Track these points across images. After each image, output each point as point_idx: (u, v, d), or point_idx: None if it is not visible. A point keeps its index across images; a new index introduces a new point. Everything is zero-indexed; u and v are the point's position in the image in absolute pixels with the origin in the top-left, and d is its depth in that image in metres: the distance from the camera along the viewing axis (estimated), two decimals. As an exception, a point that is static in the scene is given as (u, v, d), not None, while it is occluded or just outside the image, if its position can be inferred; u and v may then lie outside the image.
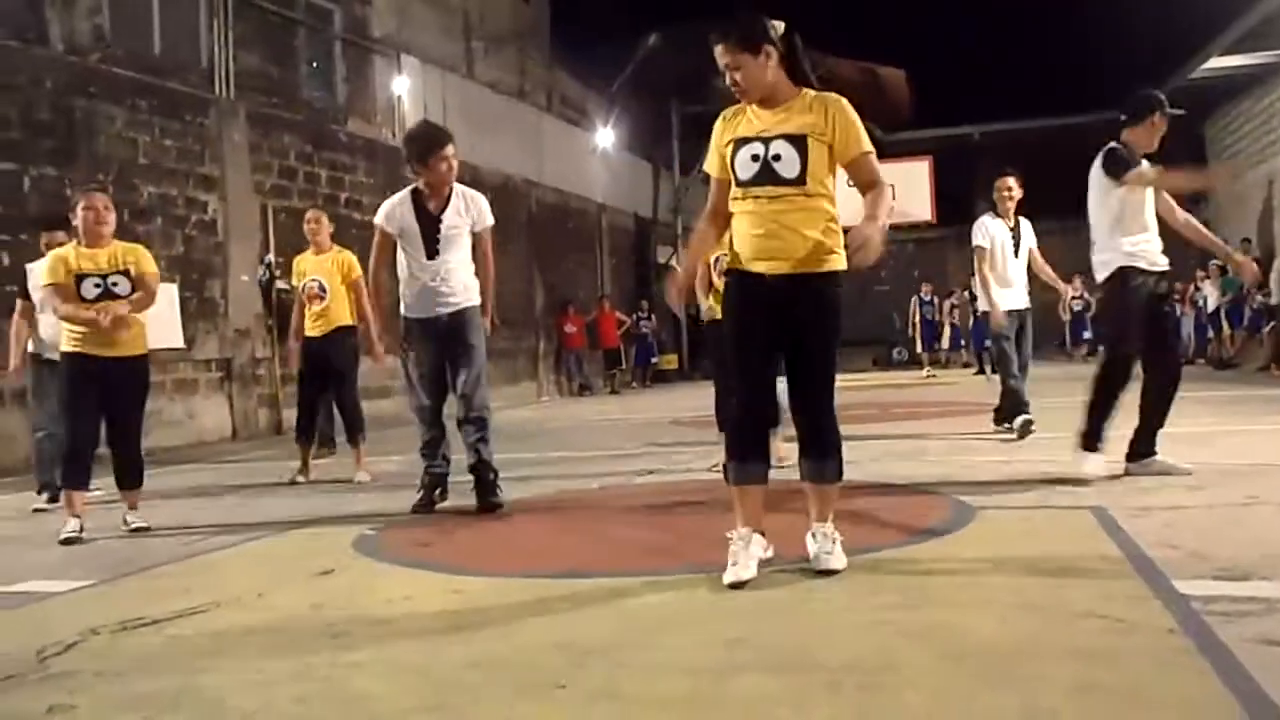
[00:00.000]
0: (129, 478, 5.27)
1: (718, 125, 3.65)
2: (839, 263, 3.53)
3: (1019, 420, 7.35)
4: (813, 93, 3.55)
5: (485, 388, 5.38)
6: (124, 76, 10.72)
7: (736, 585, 3.32)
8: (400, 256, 5.34)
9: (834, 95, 3.55)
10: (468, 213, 5.31)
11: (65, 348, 5.15)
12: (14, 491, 7.16)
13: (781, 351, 3.58)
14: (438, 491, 5.35)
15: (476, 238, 5.38)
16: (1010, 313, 7.48)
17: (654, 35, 20.59)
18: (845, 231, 3.53)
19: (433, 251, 5.24)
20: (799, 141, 3.44)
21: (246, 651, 2.95)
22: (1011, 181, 7.51)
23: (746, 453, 3.56)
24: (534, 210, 18.49)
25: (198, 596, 3.60)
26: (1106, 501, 4.46)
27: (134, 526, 5.16)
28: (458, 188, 5.33)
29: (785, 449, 5.95)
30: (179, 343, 10.83)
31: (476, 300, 5.38)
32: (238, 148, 11.99)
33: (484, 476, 5.27)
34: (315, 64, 14.68)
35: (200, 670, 2.78)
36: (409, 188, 5.37)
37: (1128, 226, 5.14)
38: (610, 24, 22.23)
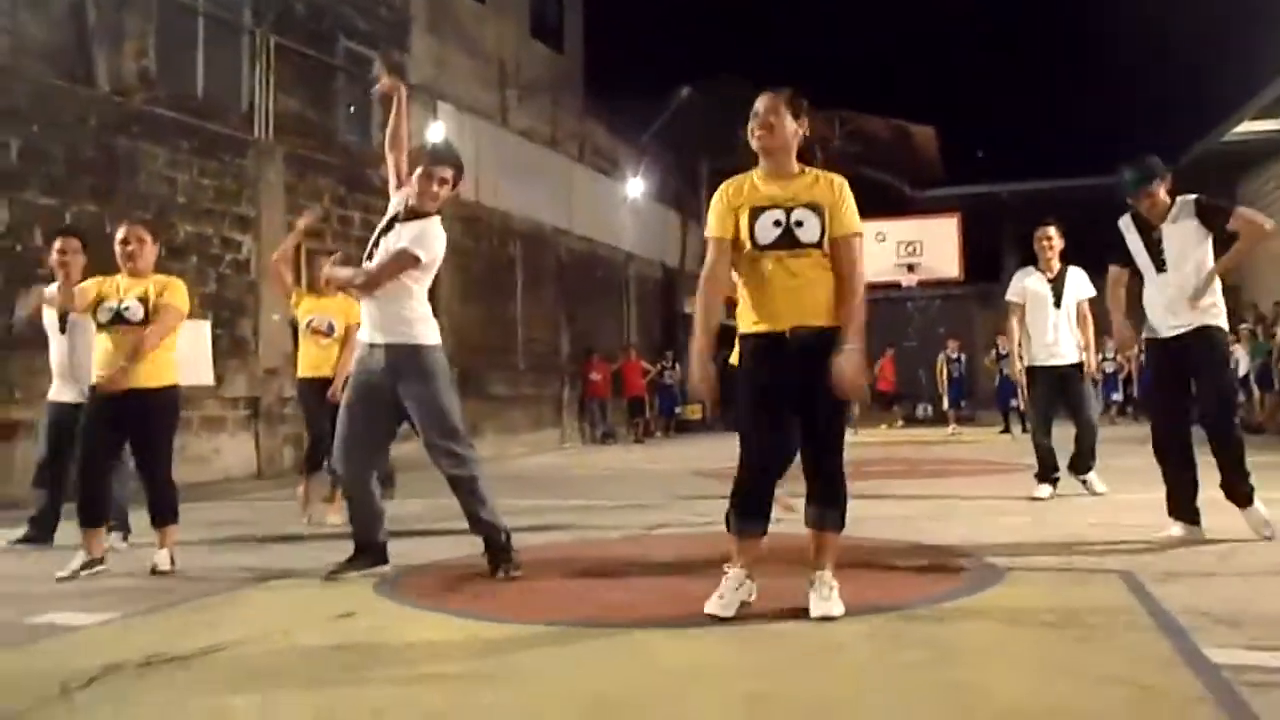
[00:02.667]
0: (155, 513, 5.16)
1: (723, 191, 3.83)
2: None
3: (1043, 488, 7.26)
4: (818, 171, 3.78)
5: (459, 438, 4.66)
6: (166, 117, 10.93)
7: (714, 617, 3.57)
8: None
9: (837, 176, 3.78)
10: (414, 229, 4.70)
11: (92, 381, 5.15)
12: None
13: (798, 411, 3.70)
14: (365, 558, 4.74)
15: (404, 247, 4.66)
16: (1047, 369, 7.30)
17: (685, 89, 20.84)
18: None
19: (370, 255, 4.74)
20: (819, 210, 3.66)
21: (268, 692, 2.95)
22: (1052, 231, 7.35)
23: (749, 510, 3.74)
24: (563, 258, 18.63)
25: (221, 634, 3.61)
26: (1135, 566, 4.41)
27: (155, 568, 4.99)
28: (435, 219, 4.79)
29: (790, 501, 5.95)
30: (209, 380, 10.91)
31: (430, 340, 4.68)
32: (274, 189, 12.17)
33: (492, 540, 4.70)
34: (352, 109, 14.92)
35: (223, 708, 2.79)
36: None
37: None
38: (642, 77, 22.56)
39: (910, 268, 21.24)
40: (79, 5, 10.62)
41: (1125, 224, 5.41)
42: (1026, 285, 7.40)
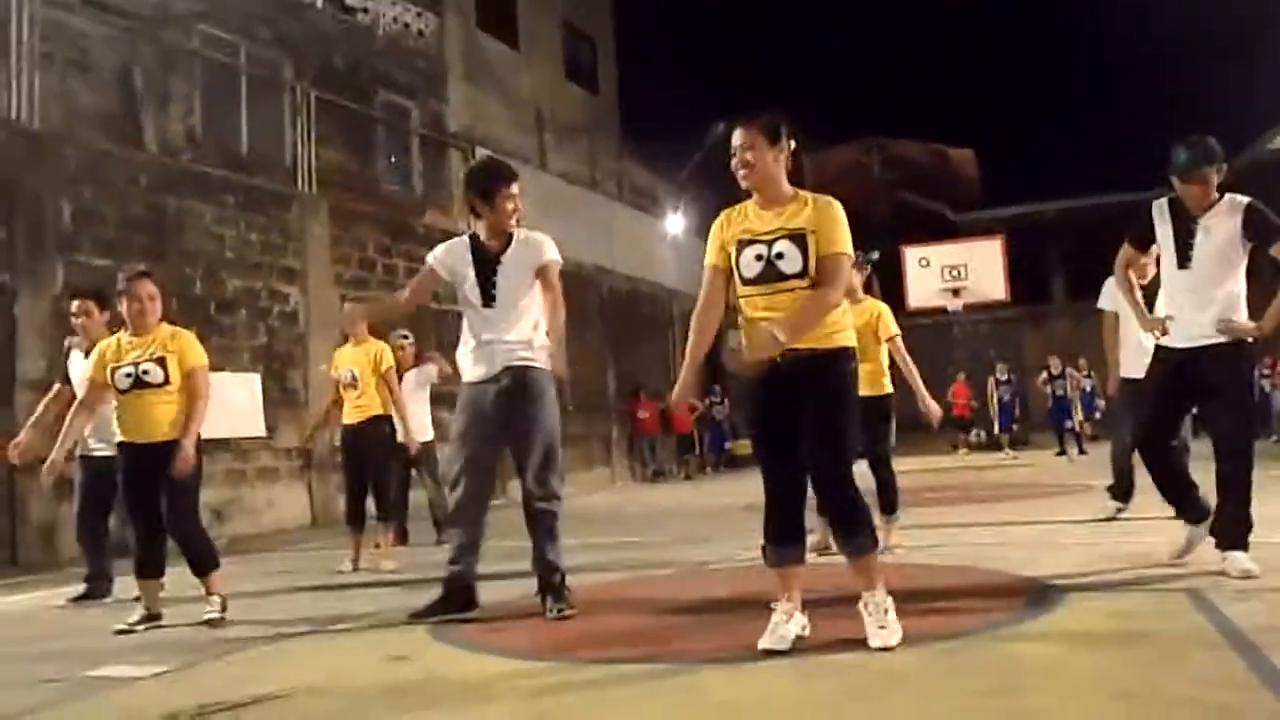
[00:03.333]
0: (195, 564, 5.15)
1: (719, 222, 3.85)
2: (847, 340, 3.66)
3: (1113, 505, 7.03)
4: (808, 193, 3.72)
5: (557, 471, 4.70)
6: (213, 175, 11.18)
7: (771, 652, 3.48)
8: (463, 323, 4.85)
9: (827, 198, 3.71)
10: (528, 251, 4.75)
11: (117, 438, 5.17)
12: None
13: (799, 436, 3.64)
14: (453, 599, 4.66)
15: (540, 275, 4.74)
16: (1136, 381, 7.00)
17: (721, 124, 20.92)
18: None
19: (489, 297, 4.68)
20: (799, 239, 3.61)
21: (323, 737, 2.93)
22: None
23: (781, 538, 3.69)
24: (606, 297, 18.68)
25: (275, 682, 3.60)
26: (1204, 583, 4.28)
27: (204, 618, 4.99)
28: (520, 230, 4.81)
29: (896, 536, 5.89)
30: (261, 431, 11.07)
31: (545, 364, 4.73)
32: (319, 241, 12.35)
33: (548, 579, 4.66)
34: (394, 159, 15.15)
35: (277, 756, 2.77)
36: (468, 234, 4.93)
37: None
38: (678, 114, 22.74)
39: (955, 292, 21.07)
40: (126, 70, 10.92)
41: (1160, 208, 4.85)
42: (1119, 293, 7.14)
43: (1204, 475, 4.78)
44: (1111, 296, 7.10)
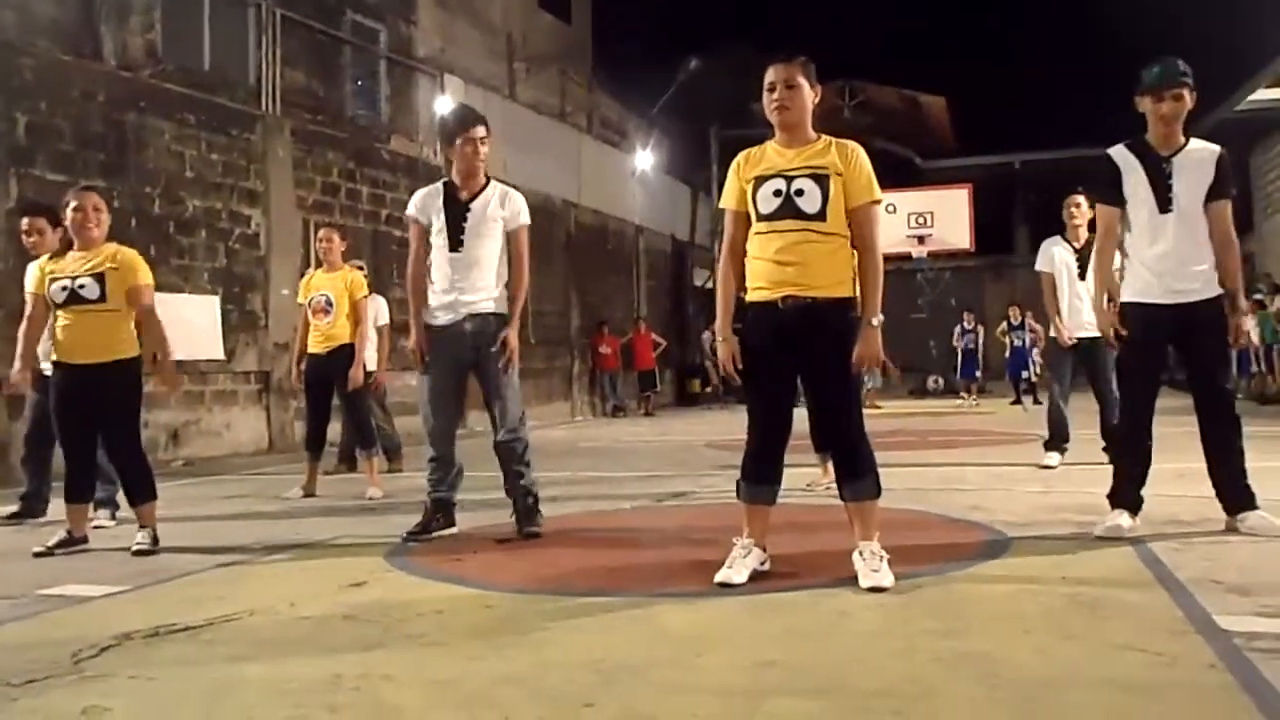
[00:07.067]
0: (130, 492, 5.01)
1: (737, 162, 3.82)
2: (851, 290, 3.68)
3: (1052, 456, 7.26)
4: (831, 138, 3.73)
5: (518, 406, 5.02)
6: (174, 91, 10.92)
7: (725, 585, 3.57)
8: (432, 260, 5.02)
9: (852, 142, 3.73)
10: (502, 207, 4.97)
11: (51, 357, 5.03)
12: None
13: (799, 379, 3.73)
14: (438, 519, 4.98)
15: (510, 237, 5.00)
16: (1075, 340, 7.09)
17: (694, 60, 20.70)
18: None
19: (457, 242, 4.89)
20: (822, 179, 3.60)
21: (279, 660, 2.96)
22: (1080, 199, 6.99)
23: (758, 476, 3.76)
24: (572, 231, 18.58)
25: (231, 605, 3.62)
26: (1146, 534, 4.39)
27: (134, 549, 4.80)
28: (496, 183, 5.04)
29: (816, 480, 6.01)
30: (219, 354, 10.98)
31: (505, 310, 5.02)
32: (282, 163, 12.15)
33: (522, 502, 4.99)
34: (360, 82, 14.88)
35: (232, 678, 2.80)
36: (443, 179, 5.11)
37: None
38: (651, 48, 22.43)
39: (921, 239, 21.19)
40: (85, -21, 10.59)
41: (1121, 153, 4.44)
42: (1055, 254, 7.27)
43: (1160, 429, 4.85)
44: (1049, 259, 7.27)
